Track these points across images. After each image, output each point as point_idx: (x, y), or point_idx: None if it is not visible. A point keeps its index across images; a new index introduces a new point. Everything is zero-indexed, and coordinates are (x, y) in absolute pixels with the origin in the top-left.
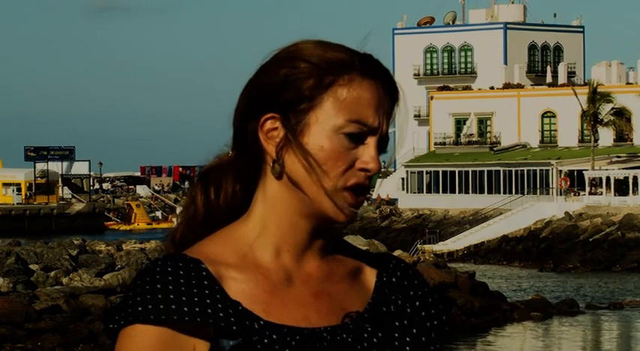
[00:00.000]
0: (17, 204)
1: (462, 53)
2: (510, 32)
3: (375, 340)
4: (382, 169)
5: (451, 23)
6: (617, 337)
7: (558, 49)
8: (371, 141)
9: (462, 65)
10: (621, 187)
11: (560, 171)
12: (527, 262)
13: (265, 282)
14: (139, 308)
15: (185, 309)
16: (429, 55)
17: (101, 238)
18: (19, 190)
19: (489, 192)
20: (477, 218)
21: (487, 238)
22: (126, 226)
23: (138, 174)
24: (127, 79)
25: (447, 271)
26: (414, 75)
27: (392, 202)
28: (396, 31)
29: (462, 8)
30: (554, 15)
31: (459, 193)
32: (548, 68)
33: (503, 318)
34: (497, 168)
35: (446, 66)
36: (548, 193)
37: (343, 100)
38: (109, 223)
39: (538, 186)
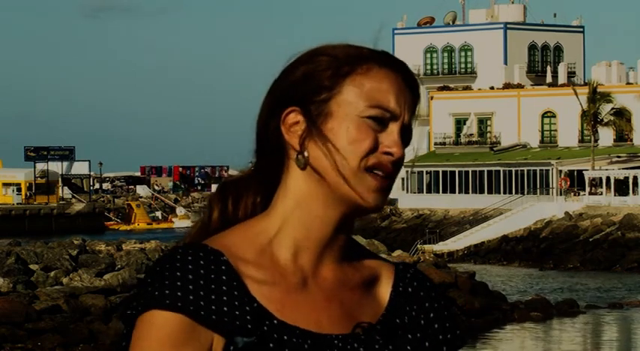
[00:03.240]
0: (17, 204)
1: (462, 53)
2: (510, 32)
3: None
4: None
5: (451, 23)
6: (617, 337)
7: (558, 49)
8: (394, 127)
9: (462, 65)
10: (621, 187)
11: (560, 171)
12: (527, 262)
13: (282, 281)
14: (157, 293)
15: (202, 303)
16: (429, 55)
17: (101, 238)
18: (19, 190)
19: (489, 192)
20: (477, 218)
21: (487, 238)
22: (126, 226)
23: (138, 174)
24: (127, 79)
25: (447, 271)
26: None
27: (392, 202)
28: (396, 31)
29: (462, 8)
30: (554, 15)
31: (459, 193)
32: (548, 68)
33: (503, 318)
34: (498, 168)
35: (446, 66)
36: (548, 193)
37: (363, 87)
38: (109, 223)
39: (538, 186)
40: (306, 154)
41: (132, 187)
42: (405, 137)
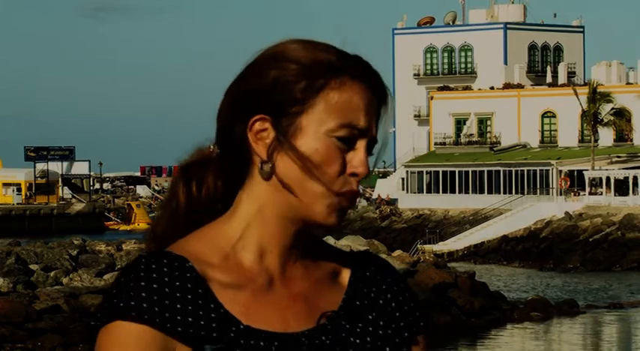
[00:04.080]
0: (17, 204)
1: (462, 53)
2: (510, 32)
3: (352, 338)
4: (373, 171)
5: (451, 23)
6: (617, 337)
7: (558, 49)
8: (361, 145)
9: (462, 65)
10: (621, 187)
11: (560, 171)
12: (527, 262)
13: (247, 284)
14: (122, 304)
15: (167, 314)
16: (429, 55)
17: (101, 238)
18: (19, 190)
19: (489, 192)
20: (477, 218)
21: (487, 238)
22: (126, 226)
23: (138, 174)
24: (126, 79)
25: (447, 271)
26: (414, 75)
27: (392, 202)
28: (396, 31)
29: (462, 8)
30: (554, 15)
31: (459, 193)
32: (548, 68)
33: (504, 318)
34: (498, 168)
35: (446, 66)
36: (548, 193)
37: (335, 104)
38: (109, 223)
39: (538, 186)
40: (270, 165)
41: (132, 187)
42: (370, 150)
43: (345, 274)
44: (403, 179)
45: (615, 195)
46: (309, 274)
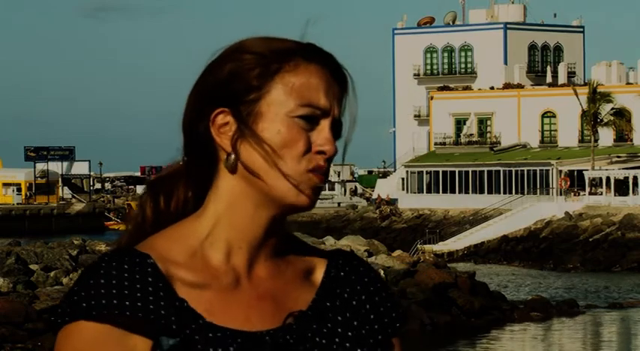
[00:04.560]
0: (17, 204)
1: (462, 53)
2: (510, 32)
3: (317, 338)
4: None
5: (451, 23)
6: (617, 337)
7: (558, 49)
8: (324, 124)
9: (462, 65)
10: (621, 187)
11: (560, 171)
12: (527, 262)
13: (213, 282)
14: (83, 304)
15: (127, 304)
16: (429, 55)
17: (101, 238)
18: (19, 190)
19: (489, 192)
20: (477, 218)
21: (487, 238)
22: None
23: (138, 174)
24: (126, 78)
25: (447, 271)
26: (414, 75)
27: (392, 202)
28: (396, 31)
29: (462, 8)
30: (554, 15)
31: (459, 193)
32: (548, 68)
33: (504, 318)
34: (498, 168)
35: (446, 66)
36: (548, 193)
37: (292, 86)
38: (109, 223)
39: (538, 186)
40: (233, 156)
41: (132, 187)
42: (336, 131)
43: (319, 274)
44: (403, 179)
45: (615, 195)
46: (281, 273)
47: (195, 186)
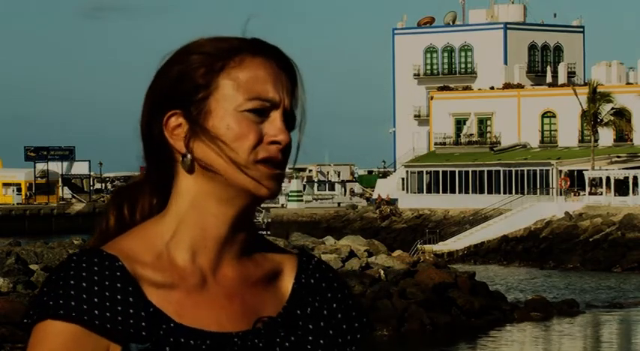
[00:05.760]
0: (17, 204)
1: (462, 53)
2: (510, 32)
3: (287, 344)
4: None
5: (451, 23)
6: (617, 337)
7: (558, 49)
8: (275, 115)
9: (462, 65)
10: (621, 187)
11: (560, 171)
12: (527, 262)
13: (180, 283)
14: (51, 303)
15: (96, 312)
16: (429, 55)
17: None
18: (19, 190)
19: (489, 192)
20: (477, 218)
21: (487, 238)
22: None
23: (138, 174)
24: (126, 78)
25: (447, 271)
26: (414, 75)
27: (392, 202)
28: (396, 31)
29: (462, 8)
30: (554, 15)
31: (459, 193)
32: (548, 68)
33: (504, 318)
34: (497, 168)
35: (446, 66)
36: (548, 193)
37: (239, 81)
38: None
39: (538, 186)
40: (189, 156)
41: None
42: (289, 123)
43: (287, 279)
44: (403, 179)
45: (615, 195)
46: (249, 274)
47: (158, 191)
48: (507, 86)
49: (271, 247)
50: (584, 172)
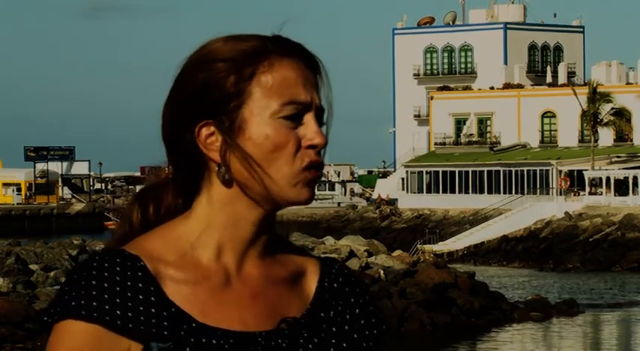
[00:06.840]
0: (17, 204)
1: (462, 53)
2: (510, 32)
3: (310, 346)
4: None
5: (451, 23)
6: (617, 337)
7: (558, 49)
8: (309, 118)
9: (462, 65)
10: (621, 187)
11: (560, 171)
12: (527, 262)
13: (204, 282)
14: (73, 303)
15: (118, 312)
16: (429, 55)
17: (101, 238)
18: (19, 190)
19: (489, 192)
20: (477, 218)
21: (487, 238)
22: None
23: (138, 174)
24: (126, 78)
25: (447, 271)
26: (414, 75)
27: (392, 202)
28: (396, 31)
29: (462, 8)
30: (554, 15)
31: (459, 193)
32: (548, 68)
33: (504, 318)
34: (497, 168)
35: (446, 66)
36: (548, 193)
37: (271, 86)
38: (108, 223)
39: (538, 186)
40: (224, 169)
41: (132, 187)
42: (319, 120)
43: (311, 280)
44: (403, 179)
45: (615, 195)
46: (273, 274)
47: (184, 192)
48: (507, 86)
49: (293, 248)
50: (584, 172)
